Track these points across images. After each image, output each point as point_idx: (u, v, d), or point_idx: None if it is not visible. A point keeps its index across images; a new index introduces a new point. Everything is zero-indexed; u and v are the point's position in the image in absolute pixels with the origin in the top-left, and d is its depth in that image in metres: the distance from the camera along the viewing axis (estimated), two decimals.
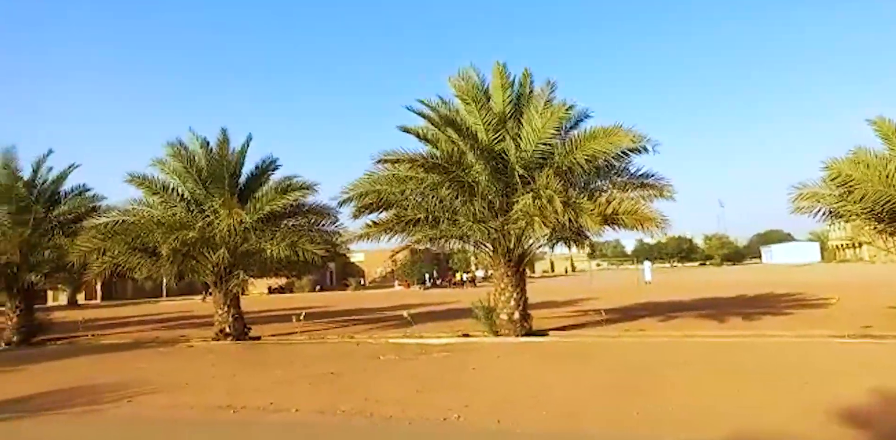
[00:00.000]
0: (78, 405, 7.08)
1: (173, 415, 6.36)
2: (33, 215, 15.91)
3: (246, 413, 6.21)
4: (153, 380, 8.62)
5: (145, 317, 25.23)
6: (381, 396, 6.67)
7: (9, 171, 15.90)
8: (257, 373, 8.95)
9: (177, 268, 13.92)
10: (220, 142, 14.28)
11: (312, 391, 7.26)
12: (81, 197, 17.10)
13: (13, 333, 15.92)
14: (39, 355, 13.34)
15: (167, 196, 14.24)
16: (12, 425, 6.28)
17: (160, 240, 12.77)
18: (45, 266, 16.28)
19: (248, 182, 14.94)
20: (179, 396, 7.34)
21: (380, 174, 12.50)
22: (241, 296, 14.76)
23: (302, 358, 10.50)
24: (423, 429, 5.34)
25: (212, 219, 13.79)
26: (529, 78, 12.46)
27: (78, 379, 9.20)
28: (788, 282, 27.98)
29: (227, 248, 13.42)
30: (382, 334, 13.69)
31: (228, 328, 13.97)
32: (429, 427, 5.38)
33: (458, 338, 12.23)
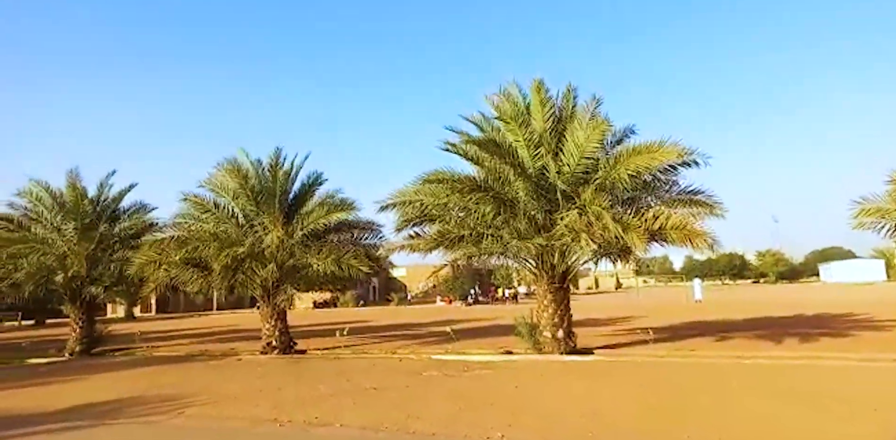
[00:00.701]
0: (135, 414, 7.37)
1: (222, 427, 6.52)
2: (98, 231, 16.80)
3: (291, 427, 6.31)
4: (204, 393, 8.88)
5: (197, 331, 26.04)
6: (424, 413, 6.66)
7: (76, 191, 16.87)
8: (302, 387, 9.08)
9: (227, 282, 14.36)
10: (273, 160, 14.78)
11: (356, 406, 7.31)
12: (139, 213, 17.99)
13: (76, 344, 16.72)
14: (100, 366, 13.96)
15: (219, 213, 14.78)
16: (77, 433, 6.58)
17: (212, 256, 13.24)
18: (106, 279, 17.08)
19: (295, 198, 15.38)
20: (229, 408, 7.53)
21: (422, 187, 12.64)
22: (287, 310, 15.10)
23: (345, 372, 10.60)
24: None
25: (261, 234, 14.24)
26: (573, 93, 12.43)
27: (135, 389, 9.57)
28: (850, 302, 26.49)
29: (275, 263, 13.80)
30: (424, 350, 13.69)
31: (275, 342, 14.29)
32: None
33: (500, 355, 12.11)
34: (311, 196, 15.45)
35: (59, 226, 16.74)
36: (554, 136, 11.79)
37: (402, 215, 12.78)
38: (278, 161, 14.86)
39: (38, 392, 9.94)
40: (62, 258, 16.20)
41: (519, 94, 12.44)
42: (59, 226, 16.74)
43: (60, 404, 8.33)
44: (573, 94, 12.43)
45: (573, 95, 12.42)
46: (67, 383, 10.96)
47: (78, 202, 16.75)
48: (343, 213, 14.52)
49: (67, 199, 16.77)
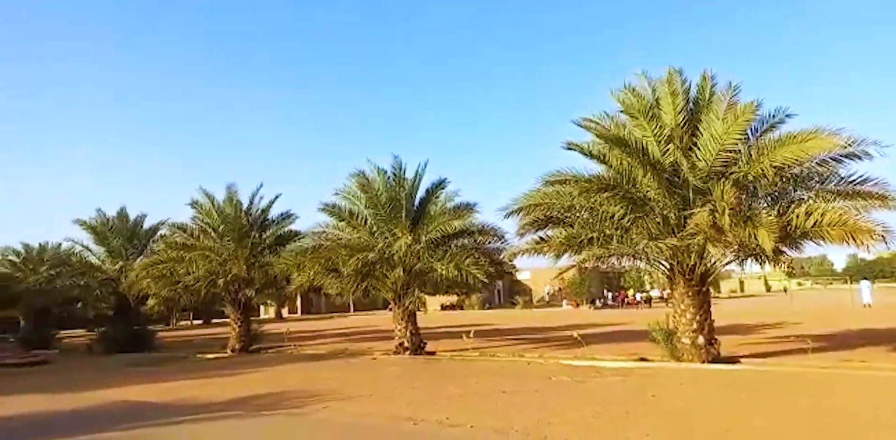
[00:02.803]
0: (285, 407, 8.08)
1: (362, 423, 6.92)
2: (250, 239, 18.74)
3: (425, 426, 6.53)
4: (344, 389, 9.49)
5: (336, 331, 27.97)
6: (555, 418, 6.54)
7: (233, 203, 19.01)
8: (433, 387, 9.36)
9: (360, 285, 15.30)
10: (396, 169, 15.51)
11: (486, 408, 7.38)
12: (284, 222, 19.80)
13: (236, 342, 18.74)
14: (255, 362, 15.51)
15: (352, 221, 15.78)
16: (236, 422, 7.39)
17: (343, 261, 14.16)
18: (258, 283, 18.97)
19: (420, 205, 15.97)
20: (367, 405, 7.98)
21: (546, 190, 12.45)
22: (417, 312, 15.70)
23: (474, 374, 10.75)
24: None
25: (390, 240, 14.97)
26: (710, 81, 11.48)
27: (285, 384, 10.51)
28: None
29: (402, 268, 14.43)
30: (552, 354, 13.46)
31: (407, 342, 14.91)
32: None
33: (633, 362, 11.54)
34: (435, 202, 15.92)
35: (222, 234, 18.92)
36: (687, 129, 11.02)
37: (525, 219, 12.68)
38: (400, 170, 15.56)
39: (210, 384, 11.29)
40: (224, 263, 18.26)
41: (647, 87, 11.82)
42: (221, 235, 18.93)
43: (227, 396, 9.38)
44: (710, 82, 11.48)
45: (710, 83, 11.47)
46: (231, 376, 12.32)
47: (236, 213, 18.84)
48: (462, 220, 14.90)
49: (227, 210, 18.94)
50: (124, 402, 9.23)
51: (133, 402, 9.18)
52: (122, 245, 22.98)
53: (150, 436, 6.61)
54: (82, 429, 7.12)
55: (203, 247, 18.50)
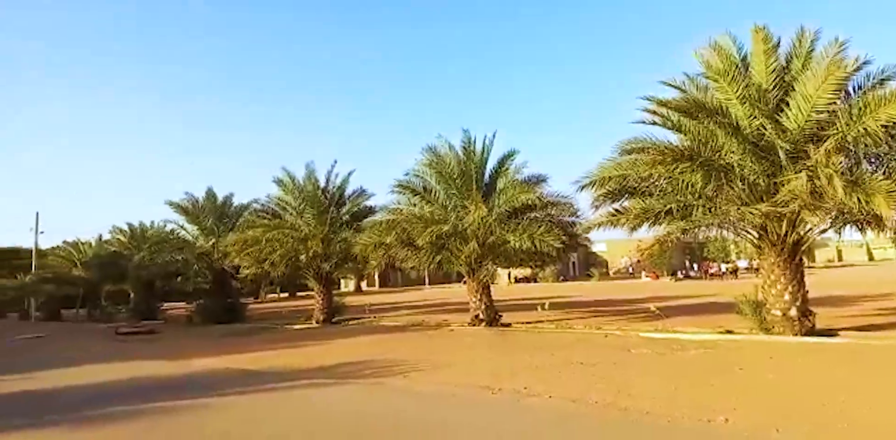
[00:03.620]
0: (366, 376, 8.47)
1: (441, 391, 7.14)
2: (329, 215, 19.49)
3: (503, 395, 6.64)
4: (423, 359, 9.80)
5: (413, 303, 28.76)
6: (635, 391, 6.45)
7: (312, 181, 19.79)
8: (510, 358, 9.47)
9: (434, 259, 15.58)
10: (466, 143, 15.51)
11: (563, 379, 7.39)
12: (360, 198, 20.41)
13: (320, 314, 19.74)
14: (338, 332, 16.29)
15: (425, 196, 16.01)
16: (326, 389, 7.84)
17: (417, 235, 14.42)
18: (337, 257, 19.77)
19: (491, 177, 15.92)
20: (445, 375, 8.21)
21: (621, 160, 12.00)
22: (490, 285, 15.83)
23: (550, 346, 10.75)
24: (683, 428, 5.00)
25: (462, 214, 15.08)
26: (808, 38, 10.47)
27: (366, 354, 10.99)
28: None
29: (476, 241, 14.52)
30: (631, 327, 13.18)
31: (482, 314, 15.10)
32: (690, 427, 5.02)
33: (718, 334, 11.10)
34: (505, 174, 15.83)
35: (302, 212, 19.81)
36: (778, 90, 10.20)
37: (599, 190, 12.31)
38: (470, 143, 15.56)
39: (298, 353, 12.00)
40: (304, 240, 19.12)
41: (733, 46, 10.99)
42: (301, 213, 19.82)
43: (315, 364, 9.96)
44: (809, 38, 10.47)
45: (811, 38, 10.45)
46: (317, 346, 13.03)
47: (315, 191, 19.63)
48: (532, 192, 14.72)
49: (307, 188, 19.76)
50: (226, 369, 10.02)
51: (233, 369, 9.94)
52: (212, 223, 24.66)
53: (254, 400, 7.14)
54: (197, 392, 7.82)
55: (285, 225, 19.46)
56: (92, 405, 7.19)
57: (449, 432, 5.10)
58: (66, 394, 8.21)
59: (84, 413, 6.68)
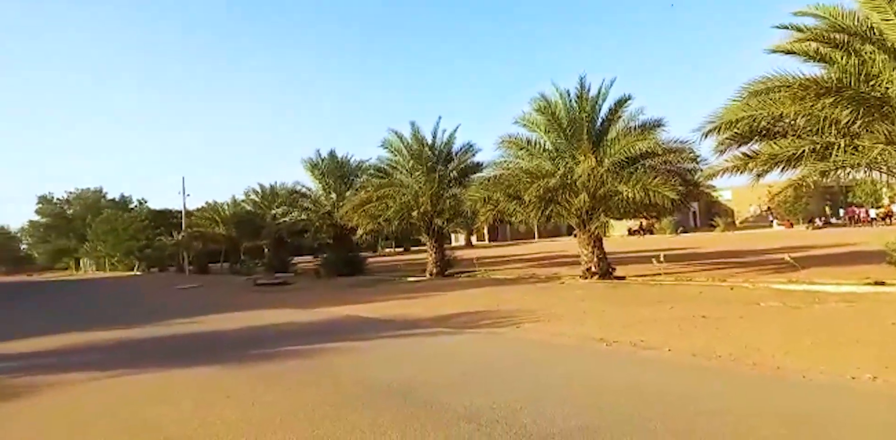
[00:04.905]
0: (482, 326, 8.76)
1: (555, 342, 7.23)
2: (437, 172, 19.88)
3: (618, 347, 6.58)
4: (535, 311, 9.92)
5: (522, 256, 28.92)
6: (765, 346, 6.09)
7: (418, 139, 20.18)
8: (625, 311, 9.30)
9: (543, 212, 15.42)
10: (579, 90, 14.82)
11: (683, 333, 7.15)
12: (467, 155, 20.52)
13: (433, 267, 20.53)
14: (450, 285, 16.90)
15: (531, 149, 15.71)
16: (445, 338, 8.25)
17: (524, 189, 14.27)
18: (447, 213, 20.24)
19: (602, 126, 15.20)
20: (558, 326, 8.27)
21: (750, 100, 10.87)
22: (602, 237, 15.43)
23: (669, 299, 10.38)
24: (822, 385, 4.67)
25: (571, 165, 14.65)
26: None
27: (479, 306, 11.33)
28: None
29: (586, 193, 14.11)
30: (761, 279, 12.31)
31: (594, 267, 14.85)
32: (830, 384, 4.67)
33: (864, 286, 10.04)
34: (617, 121, 15.03)
35: (411, 170, 20.38)
36: None
37: (724, 134, 11.30)
38: (583, 90, 14.83)
39: (415, 303, 12.68)
40: (415, 196, 19.74)
41: None
42: (411, 170, 20.40)
43: (431, 314, 10.47)
44: None
45: None
46: (432, 297, 13.65)
47: (421, 148, 20.05)
48: (648, 139, 13.85)
49: (414, 146, 20.22)
50: (352, 317, 10.88)
51: (359, 318, 10.77)
52: (334, 182, 26.32)
53: (380, 345, 7.73)
54: (329, 337, 8.61)
55: (397, 184, 20.19)
56: (246, 346, 8.19)
57: (560, 378, 5.19)
58: (226, 336, 9.40)
59: (241, 352, 7.63)
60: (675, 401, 4.36)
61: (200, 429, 4.29)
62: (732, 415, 3.96)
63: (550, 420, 4.00)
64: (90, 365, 7.39)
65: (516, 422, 3.99)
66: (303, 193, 28.17)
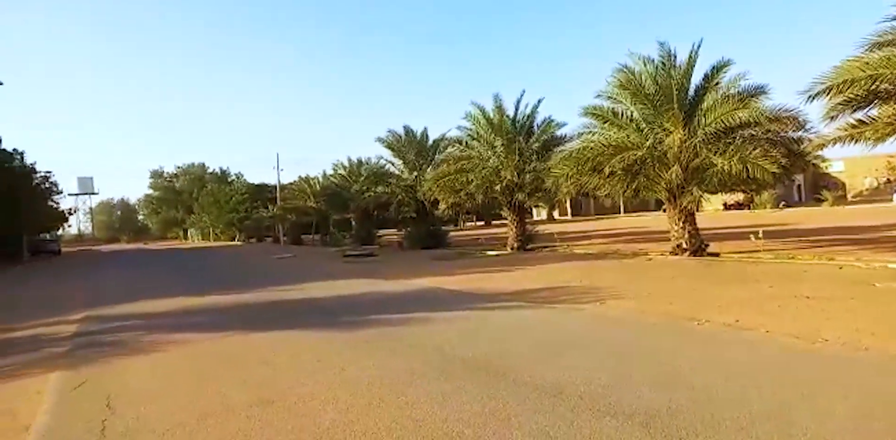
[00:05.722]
0: (563, 302, 8.65)
1: (639, 319, 7.01)
2: (518, 146, 19.59)
3: (710, 326, 6.28)
4: (619, 287, 9.65)
5: (606, 232, 28.10)
6: (881, 330, 5.58)
7: (500, 112, 19.91)
8: (718, 289, 8.83)
9: (630, 185, 14.82)
10: (664, 57, 13.96)
11: (783, 313, 6.69)
12: (549, 128, 20.01)
13: (514, 241, 20.45)
14: (531, 259, 16.78)
15: (616, 120, 15.02)
16: (525, 312, 8.25)
17: (608, 161, 13.73)
18: (529, 187, 19.98)
19: (696, 94, 14.23)
20: (645, 304, 8.01)
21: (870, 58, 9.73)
22: (694, 212, 14.64)
23: (767, 278, 9.73)
24: None
25: (661, 136, 13.91)
26: None
27: (560, 280, 11.19)
28: None
29: (678, 165, 13.38)
30: (877, 258, 11.21)
31: (685, 243, 14.17)
32: None
33: None
34: (714, 89, 13.99)
35: (493, 143, 20.21)
36: None
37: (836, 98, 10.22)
38: (669, 57, 13.93)
39: (495, 277, 12.75)
40: (496, 171, 19.61)
41: None
42: (492, 144, 20.24)
43: (512, 288, 10.49)
44: None
45: None
46: (512, 272, 13.64)
47: (502, 121, 19.79)
48: (748, 107, 12.77)
49: (495, 119, 19.99)
50: (435, 289, 11.12)
51: (441, 289, 10.99)
52: (414, 157, 26.74)
53: (464, 316, 7.87)
54: (415, 306, 8.89)
55: (477, 157, 20.12)
56: (335, 313, 8.63)
57: (646, 356, 5.04)
58: (318, 304, 9.95)
59: (331, 319, 8.06)
60: (772, 384, 4.12)
61: (295, 389, 4.61)
62: (839, 400, 3.69)
63: (636, 397, 3.92)
64: (202, 326, 8.12)
65: (601, 398, 3.95)
66: (385, 170, 28.94)
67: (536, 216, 52.77)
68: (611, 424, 3.46)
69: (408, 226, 28.48)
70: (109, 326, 8.60)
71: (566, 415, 3.66)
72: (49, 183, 39.80)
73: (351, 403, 4.15)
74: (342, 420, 3.80)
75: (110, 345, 7.12)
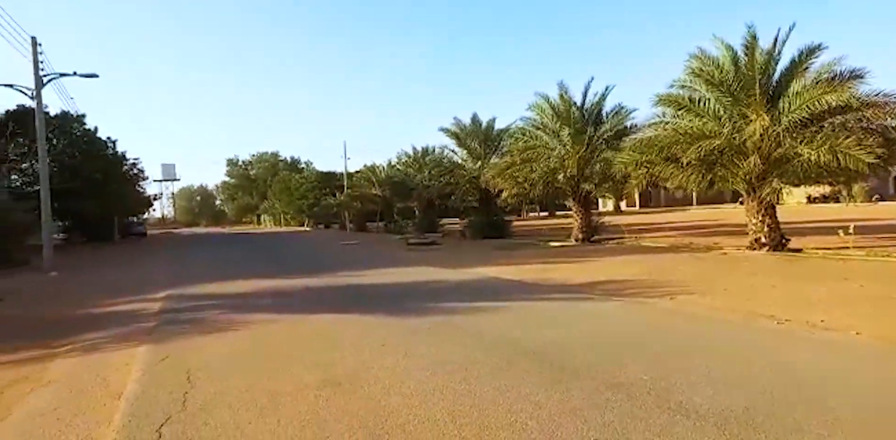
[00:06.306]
0: (630, 295, 8.39)
1: (713, 316, 6.68)
2: (586, 135, 19.08)
3: (792, 326, 5.91)
4: (691, 282, 9.25)
5: (677, 224, 27.02)
6: None
7: (566, 100, 19.43)
8: (801, 287, 8.29)
9: (705, 176, 14.11)
10: (748, 42, 13.12)
11: (879, 315, 6.19)
12: (619, 116, 19.34)
13: (579, 232, 20.02)
14: (597, 251, 16.38)
15: (692, 107, 14.30)
16: (591, 304, 8.06)
17: (682, 151, 13.12)
18: (596, 177, 19.46)
19: (781, 79, 13.33)
20: (718, 299, 7.64)
21: None
22: (775, 204, 13.79)
23: (858, 276, 9.04)
24: None
25: (740, 124, 13.15)
26: None
27: (627, 274, 10.86)
28: None
29: (758, 155, 12.62)
30: None
31: (764, 238, 13.39)
32: None
33: None
34: (801, 74, 13.05)
35: (558, 133, 19.78)
36: None
37: None
38: (753, 39, 13.05)
39: (560, 268, 12.54)
40: (562, 160, 19.20)
41: None
42: (558, 134, 19.81)
43: (577, 280, 10.30)
44: None
45: None
46: (577, 263, 13.38)
47: (569, 110, 19.29)
48: (840, 92, 11.78)
49: (561, 108, 19.53)
50: (497, 279, 11.08)
51: (503, 279, 10.94)
52: (478, 146, 26.65)
53: (527, 307, 7.81)
54: (477, 296, 8.91)
55: (542, 147, 19.76)
56: (399, 300, 8.78)
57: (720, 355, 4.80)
58: (383, 290, 10.17)
59: (395, 305, 8.20)
60: (862, 391, 3.83)
61: (361, 373, 4.72)
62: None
63: (709, 397, 3.75)
64: (274, 307, 8.49)
65: (670, 396, 3.80)
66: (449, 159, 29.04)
67: (602, 207, 51.46)
68: (683, 423, 3.33)
69: (470, 216, 28.50)
70: (189, 305, 9.15)
71: (635, 411, 3.55)
72: (137, 169, 42.64)
73: (414, 389, 4.21)
74: (406, 404, 3.86)
75: (190, 322, 7.57)
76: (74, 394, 4.58)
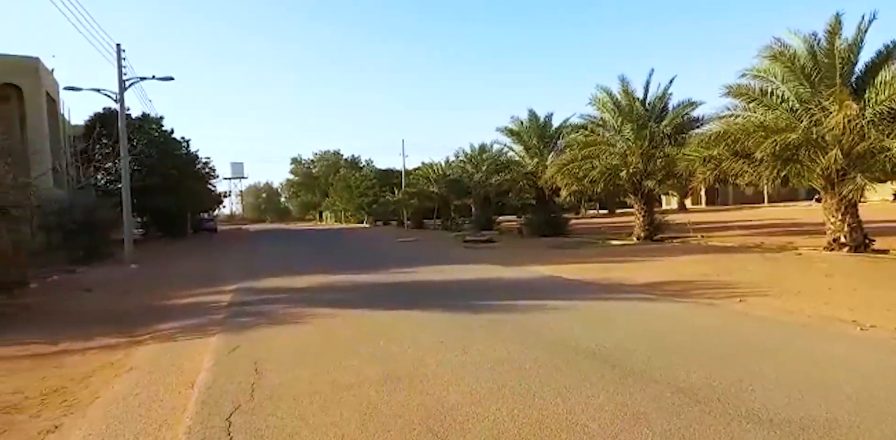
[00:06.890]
0: (696, 296, 8.06)
1: (786, 319, 6.33)
2: (648, 130, 18.47)
3: (877, 333, 5.51)
4: (762, 284, 8.80)
5: (746, 223, 25.74)
6: None
7: (628, 95, 18.88)
8: (888, 291, 7.72)
9: (779, 172, 13.37)
10: (831, 29, 12.31)
11: None
12: (684, 109, 18.62)
13: (641, 230, 19.46)
14: (660, 250, 15.85)
15: (765, 99, 13.59)
16: (653, 305, 7.80)
17: (756, 145, 12.48)
18: (659, 174, 18.81)
19: (865, 70, 12.46)
20: (792, 302, 7.23)
21: None
22: (857, 202, 12.88)
23: None
24: None
25: (819, 117, 12.36)
26: None
27: (693, 274, 10.44)
28: None
29: (839, 149, 11.83)
30: None
31: (844, 238, 12.57)
32: None
33: None
34: (890, 63, 12.15)
35: (620, 128, 19.26)
36: None
37: None
38: (835, 30, 12.24)
39: (620, 268, 12.25)
40: (623, 156, 18.69)
41: None
42: (619, 129, 19.29)
43: (638, 280, 10.01)
44: None
45: None
46: (639, 262, 13.00)
47: (631, 104, 18.74)
48: None
49: (623, 102, 19.00)
50: (555, 277, 10.94)
51: (561, 278, 10.78)
52: (535, 143, 26.34)
53: (587, 307, 7.66)
54: (533, 294, 8.83)
55: (603, 143, 19.30)
56: (456, 297, 8.82)
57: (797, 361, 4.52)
58: (440, 287, 10.25)
59: (452, 302, 8.23)
60: None
61: (420, 368, 4.77)
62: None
63: (784, 405, 3.55)
64: (336, 302, 8.72)
65: (741, 403, 3.63)
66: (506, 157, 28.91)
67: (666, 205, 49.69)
68: (755, 432, 3.17)
69: (527, 213, 28.27)
70: (257, 298, 9.53)
71: (702, 417, 3.41)
72: (209, 168, 44.81)
73: (473, 386, 4.21)
74: (465, 402, 3.87)
75: (257, 315, 7.89)
76: (153, 381, 4.88)
